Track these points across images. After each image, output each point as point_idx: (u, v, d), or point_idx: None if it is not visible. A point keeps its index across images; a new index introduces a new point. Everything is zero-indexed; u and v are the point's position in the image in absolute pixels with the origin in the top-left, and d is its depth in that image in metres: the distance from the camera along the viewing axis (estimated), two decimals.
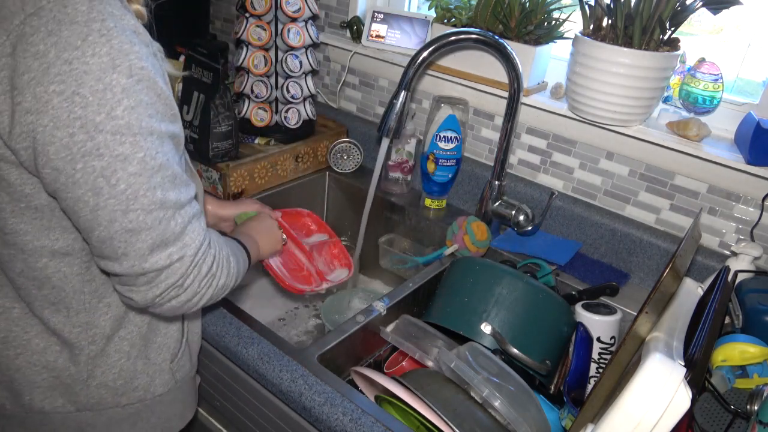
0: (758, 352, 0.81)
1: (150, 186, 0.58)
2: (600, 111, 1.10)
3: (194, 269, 0.64)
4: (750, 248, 1.01)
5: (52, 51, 0.52)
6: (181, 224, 0.62)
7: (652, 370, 0.62)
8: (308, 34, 1.34)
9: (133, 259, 0.60)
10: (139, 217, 0.58)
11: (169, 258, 0.61)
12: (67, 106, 0.53)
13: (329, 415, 0.80)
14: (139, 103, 0.56)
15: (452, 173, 1.33)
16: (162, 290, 0.62)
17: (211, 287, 0.67)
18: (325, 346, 0.92)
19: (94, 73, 0.53)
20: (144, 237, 0.59)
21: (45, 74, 0.52)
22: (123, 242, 0.59)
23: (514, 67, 1.11)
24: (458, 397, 0.81)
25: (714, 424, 0.75)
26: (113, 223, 0.58)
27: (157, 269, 0.61)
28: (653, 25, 1.01)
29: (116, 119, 0.55)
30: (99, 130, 0.54)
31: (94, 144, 0.54)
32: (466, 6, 1.31)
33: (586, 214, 1.23)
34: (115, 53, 0.54)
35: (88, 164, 0.55)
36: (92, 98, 0.53)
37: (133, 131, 0.56)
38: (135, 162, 0.57)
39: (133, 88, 0.55)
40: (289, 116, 1.40)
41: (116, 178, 0.56)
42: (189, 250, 0.62)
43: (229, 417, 1.04)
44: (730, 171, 1.08)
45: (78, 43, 0.53)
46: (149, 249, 0.60)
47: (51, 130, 0.54)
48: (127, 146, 0.56)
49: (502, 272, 0.98)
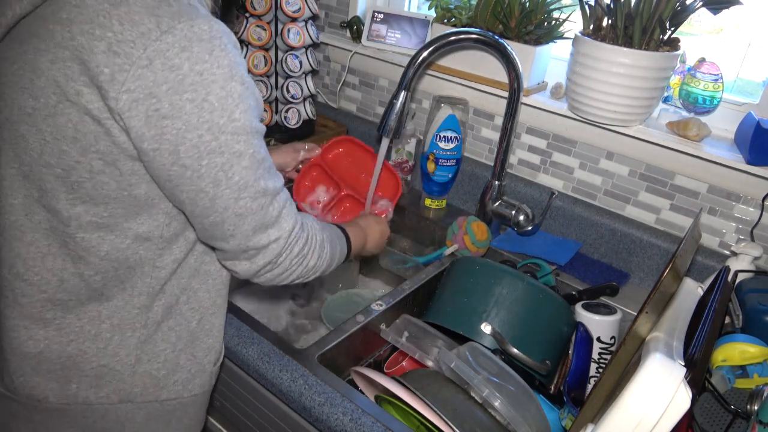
0: (758, 352, 0.81)
1: (256, 177, 0.67)
2: (600, 111, 1.10)
3: (287, 249, 0.74)
4: (750, 248, 1.01)
5: (186, 64, 0.60)
6: (277, 209, 0.71)
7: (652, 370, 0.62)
8: (308, 34, 1.34)
9: (239, 239, 0.70)
10: (247, 203, 0.68)
11: (269, 238, 0.71)
12: (197, 111, 0.61)
13: (329, 415, 0.80)
14: (249, 107, 0.65)
15: (452, 173, 1.33)
16: (260, 266, 0.73)
17: (300, 266, 0.78)
18: (325, 346, 0.92)
19: (219, 82, 0.62)
20: (249, 221, 0.69)
21: (180, 84, 0.60)
22: (232, 225, 0.68)
23: (514, 67, 1.11)
24: (458, 397, 0.81)
25: (714, 424, 0.75)
26: (227, 210, 0.67)
27: (257, 248, 0.71)
28: (653, 25, 1.01)
29: (235, 122, 0.64)
30: (222, 131, 0.63)
31: (217, 143, 0.63)
32: (466, 6, 1.31)
33: (586, 214, 1.23)
34: (232, 65, 0.63)
35: (212, 161, 0.64)
36: (217, 104, 0.62)
37: (247, 131, 0.65)
38: (247, 157, 0.66)
39: (245, 93, 0.64)
40: (289, 116, 1.40)
41: (233, 171, 0.65)
42: (284, 233, 0.73)
43: (229, 417, 1.04)
44: (730, 171, 1.08)
45: (206, 57, 0.61)
46: (253, 231, 0.70)
47: (183, 133, 0.62)
48: (242, 144, 0.65)
49: (502, 272, 0.98)
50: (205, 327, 0.82)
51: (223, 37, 0.63)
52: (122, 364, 0.76)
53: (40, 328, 0.73)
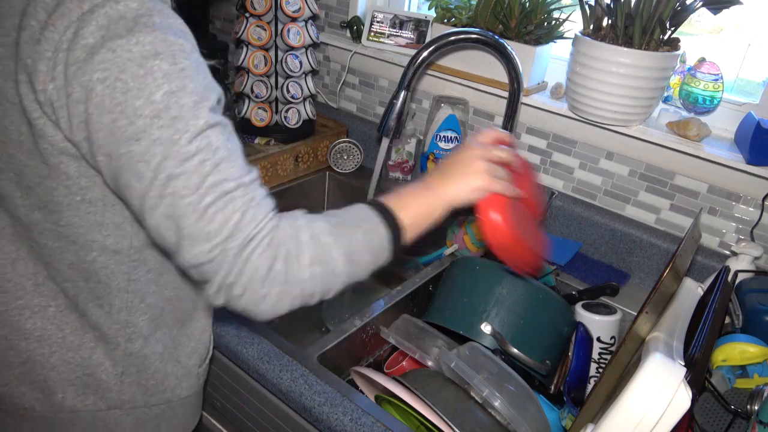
0: (758, 352, 0.81)
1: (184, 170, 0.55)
2: (600, 111, 1.10)
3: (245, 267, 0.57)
4: (750, 248, 1.01)
5: (99, 42, 0.53)
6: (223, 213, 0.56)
7: (652, 370, 0.62)
8: (308, 34, 1.34)
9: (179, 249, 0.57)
10: (173, 203, 0.55)
11: (208, 254, 0.56)
12: (109, 92, 0.54)
13: (329, 415, 0.80)
14: (181, 88, 0.55)
15: None
16: (216, 287, 0.57)
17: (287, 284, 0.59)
18: (325, 346, 0.92)
19: (137, 59, 0.54)
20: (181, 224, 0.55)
21: (89, 63, 0.53)
22: (166, 229, 0.56)
23: (514, 67, 1.11)
24: (458, 396, 0.81)
25: (714, 424, 0.74)
26: (154, 210, 0.56)
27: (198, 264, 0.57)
28: (653, 25, 1.01)
29: (155, 104, 0.54)
30: (138, 114, 0.54)
31: (134, 129, 0.54)
32: (466, 6, 1.31)
33: (586, 214, 1.23)
34: (158, 42, 0.55)
35: (130, 149, 0.55)
36: (133, 83, 0.54)
37: (172, 116, 0.54)
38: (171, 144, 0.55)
39: (176, 75, 0.55)
40: (289, 116, 1.40)
41: (156, 162, 0.55)
42: (232, 243, 0.56)
43: (229, 417, 1.04)
44: (730, 171, 1.08)
45: (123, 34, 0.54)
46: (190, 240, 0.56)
47: (97, 117, 0.54)
48: (165, 130, 0.54)
49: (502, 272, 0.98)
50: (187, 332, 0.80)
51: (155, 15, 0.56)
52: (108, 374, 0.73)
53: (21, 340, 0.71)
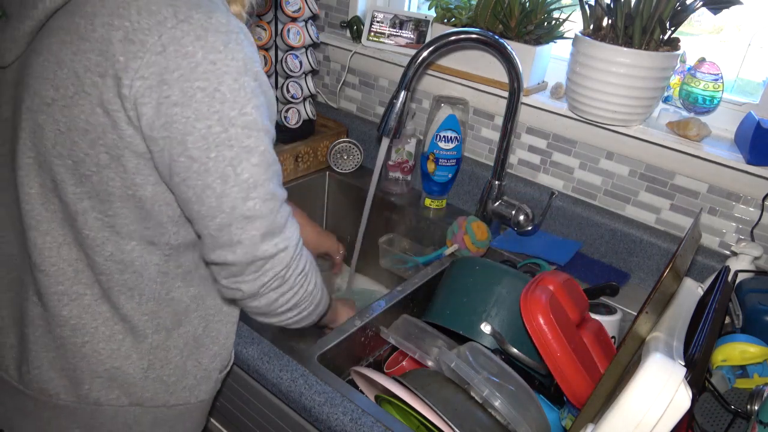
0: (758, 352, 0.81)
1: (266, 177, 0.65)
2: (600, 111, 1.10)
3: (294, 262, 0.70)
4: (750, 248, 1.01)
5: (200, 53, 0.59)
6: (284, 217, 0.68)
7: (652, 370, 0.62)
8: (308, 34, 1.34)
9: (247, 246, 0.65)
10: (256, 205, 0.64)
11: (276, 247, 0.67)
12: (208, 101, 0.60)
13: (329, 415, 0.80)
14: (261, 104, 0.64)
15: (452, 173, 1.33)
16: (268, 278, 0.68)
17: (302, 287, 0.73)
18: (325, 346, 0.92)
19: (232, 74, 0.61)
20: (258, 225, 0.65)
21: (193, 72, 0.59)
22: (240, 228, 0.65)
23: (514, 67, 1.11)
24: (458, 396, 0.81)
25: (714, 424, 0.74)
26: (235, 210, 0.64)
27: (266, 257, 0.67)
28: (653, 25, 1.01)
29: (246, 115, 0.62)
30: (232, 123, 0.61)
31: (227, 135, 0.61)
32: (466, 6, 1.31)
33: (586, 214, 1.23)
34: (246, 59, 0.62)
35: (221, 154, 0.62)
36: (229, 95, 0.61)
37: (258, 127, 0.63)
38: (257, 155, 0.64)
39: (257, 90, 0.63)
40: (289, 116, 1.40)
41: (242, 167, 0.63)
42: (291, 242, 0.69)
43: (229, 417, 1.04)
44: (730, 171, 1.08)
45: (221, 48, 0.60)
46: (261, 237, 0.66)
47: (193, 122, 0.60)
48: (252, 140, 0.63)
49: (502, 272, 0.98)
50: (211, 334, 0.82)
51: (240, 32, 0.63)
52: (135, 368, 0.76)
53: (57, 326, 0.73)
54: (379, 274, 1.45)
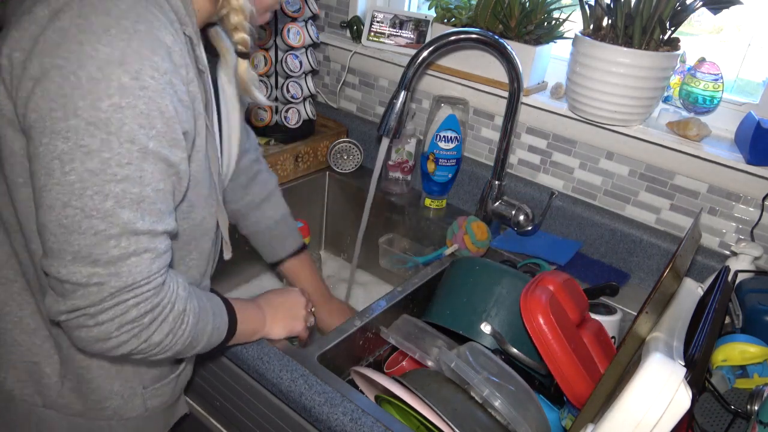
0: (758, 352, 0.81)
1: (103, 191, 0.54)
2: (600, 111, 1.10)
3: (115, 307, 0.57)
4: (750, 248, 1.01)
5: (73, 30, 0.53)
6: (122, 249, 0.56)
7: (652, 370, 0.62)
8: (308, 34, 1.34)
9: (55, 258, 0.56)
10: (76, 216, 0.54)
11: (89, 278, 0.56)
12: (60, 81, 0.53)
13: (329, 415, 0.80)
14: (130, 107, 0.54)
15: (452, 173, 1.33)
16: (69, 309, 0.57)
17: (137, 338, 0.60)
18: (325, 346, 0.92)
19: (99, 61, 0.53)
20: (72, 240, 0.55)
21: (56, 47, 0.53)
22: (53, 236, 0.55)
23: (514, 67, 1.11)
24: (458, 397, 0.81)
25: (714, 424, 0.74)
26: (51, 211, 0.55)
27: (72, 282, 0.56)
28: (653, 24, 1.01)
29: (98, 111, 0.53)
30: (76, 114, 0.53)
31: (66, 126, 0.53)
32: (466, 6, 1.31)
33: (586, 214, 1.23)
34: (130, 51, 0.53)
35: (52, 142, 0.53)
36: (86, 83, 0.53)
37: (110, 130, 0.53)
38: (97, 160, 0.54)
39: (132, 91, 0.54)
40: (289, 116, 1.40)
41: (71, 167, 0.53)
42: (116, 282, 0.56)
43: (229, 417, 1.04)
44: (730, 171, 1.08)
45: (99, 31, 0.53)
46: (72, 255, 0.55)
47: (38, 99, 0.54)
48: (96, 141, 0.53)
49: (502, 272, 0.98)
50: None
51: (141, 23, 0.54)
52: (52, 370, 0.72)
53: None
54: (380, 274, 1.45)
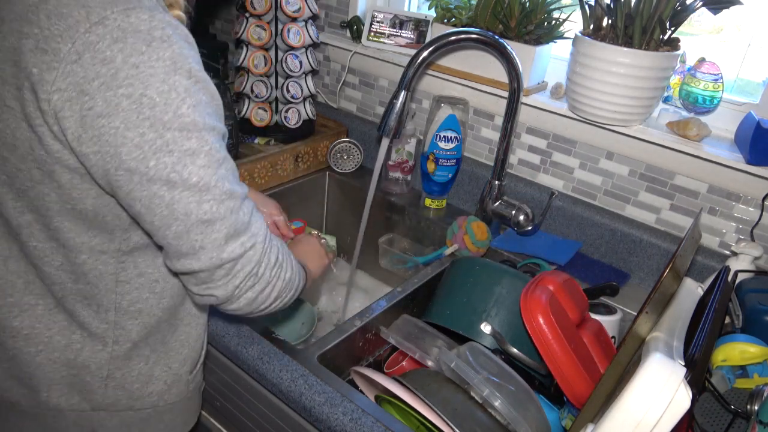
0: (758, 352, 0.81)
1: (219, 177, 0.61)
2: (600, 111, 1.10)
3: (264, 257, 0.66)
4: (750, 248, 1.01)
5: (119, 56, 0.54)
6: (247, 214, 0.64)
7: (652, 370, 0.62)
8: (308, 34, 1.34)
9: (210, 250, 0.62)
10: (212, 207, 0.60)
11: (243, 246, 0.63)
12: (136, 107, 0.55)
13: (329, 415, 0.80)
14: (199, 102, 0.59)
15: (452, 173, 1.33)
16: (241, 279, 0.65)
17: (279, 279, 0.69)
18: (325, 346, 0.92)
19: (159, 75, 0.56)
20: (218, 227, 0.61)
21: (114, 78, 0.54)
22: (200, 234, 0.61)
23: (514, 67, 1.11)
24: (458, 396, 0.81)
25: (714, 424, 0.74)
26: (189, 216, 0.60)
27: (233, 258, 0.63)
28: (653, 25, 1.01)
29: (182, 117, 0.57)
30: (167, 128, 0.57)
31: (163, 141, 0.57)
32: (466, 6, 1.31)
33: (586, 214, 1.23)
34: (176, 57, 0.57)
35: (160, 161, 0.57)
36: (159, 99, 0.56)
37: (198, 127, 0.59)
38: (202, 155, 0.59)
39: (193, 88, 0.58)
40: (289, 116, 1.40)
41: (188, 171, 0.58)
42: (258, 238, 0.65)
43: (229, 417, 1.04)
44: (730, 171, 1.08)
45: (143, 49, 0.55)
46: (224, 239, 0.62)
47: (123, 132, 0.56)
48: (194, 141, 0.58)
49: (502, 272, 0.98)
50: (180, 338, 0.79)
51: (167, 28, 0.57)
52: (93, 377, 0.74)
53: (8, 338, 0.71)
54: (379, 274, 1.45)
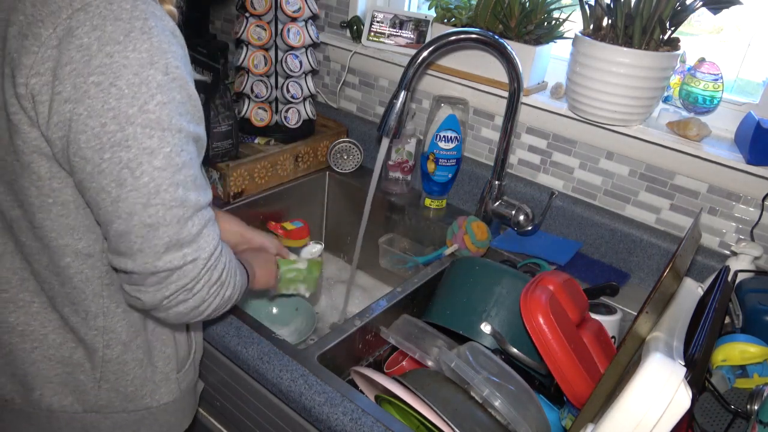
0: (758, 352, 0.81)
1: (173, 182, 0.58)
2: (600, 111, 1.10)
3: (206, 274, 0.64)
4: (750, 248, 1.01)
5: (95, 44, 0.54)
6: (198, 226, 0.62)
7: (652, 369, 0.62)
8: (308, 33, 1.34)
9: (147, 255, 0.60)
10: (159, 212, 0.58)
11: (183, 259, 0.61)
12: (102, 96, 0.54)
13: (329, 415, 0.80)
14: (171, 100, 0.57)
15: (452, 173, 1.33)
16: (171, 292, 0.62)
17: (218, 296, 0.67)
18: (325, 346, 0.92)
19: (133, 67, 0.55)
20: (161, 233, 0.59)
21: (86, 65, 0.54)
22: (140, 237, 0.59)
23: (514, 66, 1.11)
24: (458, 396, 0.81)
25: (714, 424, 0.74)
26: (132, 216, 0.58)
27: (169, 269, 0.61)
28: (653, 24, 1.01)
29: (148, 113, 0.56)
30: (130, 122, 0.55)
31: (123, 135, 0.56)
32: (466, 6, 1.31)
33: (586, 214, 1.23)
34: (154, 50, 0.56)
35: (116, 155, 0.56)
36: (128, 91, 0.55)
37: (163, 126, 0.57)
38: (161, 156, 0.57)
39: (167, 85, 0.57)
40: (289, 116, 1.40)
41: (141, 170, 0.57)
42: (203, 253, 0.62)
43: (229, 417, 1.04)
44: (730, 171, 1.08)
45: (120, 38, 0.54)
46: (165, 247, 0.60)
47: (85, 119, 0.55)
48: (155, 140, 0.57)
49: (502, 272, 0.98)
50: (161, 337, 0.79)
51: (150, 19, 0.57)
52: (87, 376, 0.73)
53: (4, 333, 0.71)
54: (379, 274, 1.45)
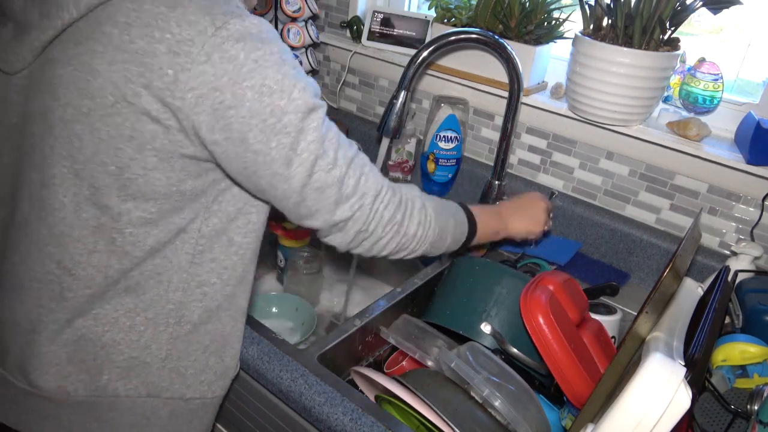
0: (758, 352, 0.81)
1: (325, 149, 0.70)
2: (600, 111, 1.10)
3: (374, 216, 0.75)
4: (750, 248, 1.01)
5: (242, 54, 0.63)
6: (354, 177, 0.73)
7: (652, 369, 0.62)
8: (308, 34, 1.34)
9: (324, 213, 0.72)
10: (321, 177, 0.70)
11: (351, 209, 0.73)
12: (258, 97, 0.64)
13: (329, 415, 0.80)
14: (305, 85, 0.68)
15: (452, 173, 1.33)
16: (352, 236, 0.75)
17: (398, 234, 0.78)
18: (325, 346, 0.92)
19: (273, 66, 0.65)
20: (328, 193, 0.71)
21: (239, 74, 0.63)
22: (314, 200, 0.71)
23: (514, 67, 1.11)
24: (458, 396, 0.81)
25: (714, 424, 0.74)
26: (304, 188, 0.69)
27: (344, 219, 0.73)
28: (653, 24, 1.01)
29: (295, 101, 0.66)
30: (284, 112, 0.66)
31: (282, 124, 0.66)
32: (466, 6, 1.31)
33: (586, 214, 1.23)
34: (280, 50, 0.67)
35: (280, 142, 0.67)
36: (275, 86, 0.65)
37: (307, 108, 0.68)
38: (311, 131, 0.68)
39: (298, 75, 0.68)
40: None
41: (300, 148, 0.68)
42: (366, 200, 0.74)
43: (229, 417, 1.04)
44: (730, 171, 1.08)
45: (259, 46, 0.65)
46: (334, 203, 0.72)
47: (248, 120, 0.65)
48: (306, 121, 0.68)
49: (502, 272, 0.98)
50: (237, 333, 0.84)
51: (270, 30, 0.68)
52: (152, 357, 0.78)
53: (79, 317, 0.75)
54: (379, 273, 1.45)
